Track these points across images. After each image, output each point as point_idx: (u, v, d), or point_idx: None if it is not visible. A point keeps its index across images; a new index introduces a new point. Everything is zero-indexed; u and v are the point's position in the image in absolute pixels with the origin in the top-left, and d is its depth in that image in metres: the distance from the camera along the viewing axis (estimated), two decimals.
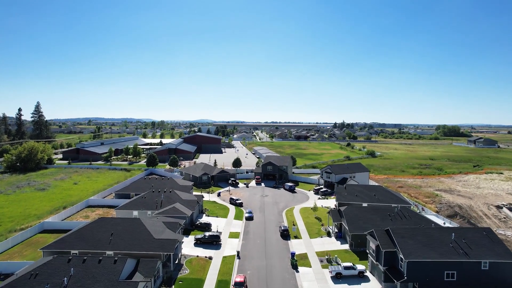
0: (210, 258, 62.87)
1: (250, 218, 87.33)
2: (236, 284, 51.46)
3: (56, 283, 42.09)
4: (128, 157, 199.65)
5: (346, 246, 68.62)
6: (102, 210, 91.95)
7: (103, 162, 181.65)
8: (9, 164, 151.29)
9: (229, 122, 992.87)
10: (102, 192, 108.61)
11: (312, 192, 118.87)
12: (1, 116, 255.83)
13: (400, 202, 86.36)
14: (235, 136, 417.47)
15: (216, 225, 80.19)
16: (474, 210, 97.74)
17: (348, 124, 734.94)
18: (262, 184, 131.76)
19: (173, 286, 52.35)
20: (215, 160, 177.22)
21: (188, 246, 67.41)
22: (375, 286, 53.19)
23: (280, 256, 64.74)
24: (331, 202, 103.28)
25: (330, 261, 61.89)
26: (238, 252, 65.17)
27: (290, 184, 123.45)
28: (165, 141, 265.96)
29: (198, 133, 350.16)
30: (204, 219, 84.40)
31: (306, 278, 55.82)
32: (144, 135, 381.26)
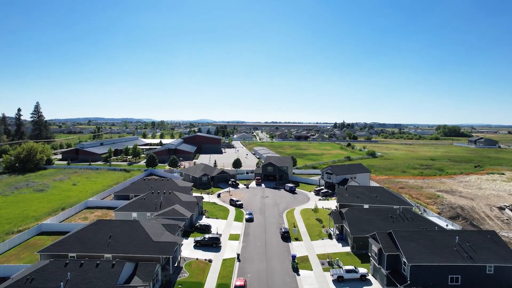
0: (210, 261, 62.03)
1: (250, 220, 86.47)
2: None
3: None
4: (127, 157, 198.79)
5: (348, 249, 67.77)
6: (101, 212, 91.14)
7: (103, 163, 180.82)
8: (7, 164, 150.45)
9: (229, 122, 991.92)
10: (101, 193, 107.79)
11: (312, 193, 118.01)
12: (0, 116, 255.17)
13: (401, 204, 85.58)
14: (235, 136, 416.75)
15: (216, 227, 79.32)
16: (476, 211, 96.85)
17: (348, 124, 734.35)
18: (263, 185, 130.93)
19: None
20: (215, 160, 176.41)
21: (187, 249, 66.57)
22: None
23: (280, 258, 63.90)
24: (332, 203, 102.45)
25: (331, 264, 61.07)
26: (238, 254, 64.35)
27: (290, 185, 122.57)
28: (165, 141, 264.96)
29: (198, 133, 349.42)
30: (204, 221, 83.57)
31: (307, 282, 54.96)
32: (144, 135, 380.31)
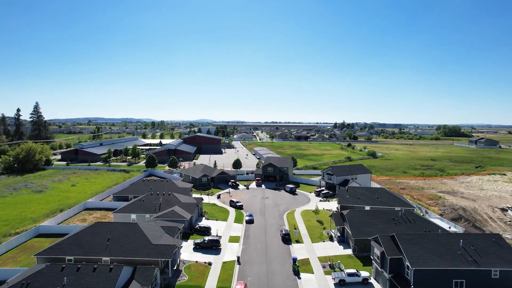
0: (210, 264, 61.18)
1: (250, 222, 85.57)
2: None
3: None
4: (127, 158, 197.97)
5: (349, 251, 66.89)
6: (99, 213, 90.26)
7: (102, 163, 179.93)
8: (6, 165, 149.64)
9: (229, 122, 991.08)
10: (100, 194, 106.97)
11: (313, 194, 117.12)
12: (0, 116, 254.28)
13: (403, 205, 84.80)
14: (235, 136, 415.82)
15: (215, 228, 78.43)
16: (479, 212, 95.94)
17: (348, 124, 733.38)
18: (263, 185, 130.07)
19: None
20: (215, 161, 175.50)
21: (187, 251, 65.70)
22: None
23: (281, 261, 63.03)
24: (333, 205, 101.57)
25: (333, 267, 60.20)
26: (238, 257, 63.44)
27: (291, 185, 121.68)
28: (164, 141, 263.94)
29: (198, 133, 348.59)
30: (203, 223, 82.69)
31: (308, 285, 54.10)
32: (143, 136, 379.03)
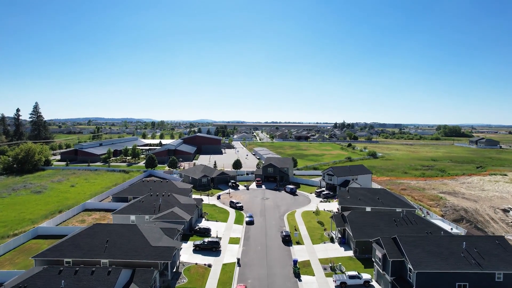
0: (210, 266, 60.56)
1: (250, 223, 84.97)
2: None
3: None
4: (127, 158, 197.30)
5: (350, 253, 66.27)
6: (98, 214, 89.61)
7: (102, 164, 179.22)
8: (5, 165, 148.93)
9: (229, 122, 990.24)
10: (99, 195, 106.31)
11: (313, 194, 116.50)
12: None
13: (404, 206, 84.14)
14: (235, 136, 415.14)
15: (215, 230, 77.84)
16: (480, 214, 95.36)
17: (348, 124, 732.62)
18: (263, 186, 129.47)
19: None
20: (215, 161, 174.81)
21: (186, 253, 65.07)
22: None
23: (281, 263, 62.41)
24: (334, 206, 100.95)
25: (334, 269, 59.60)
26: (238, 259, 62.82)
27: (291, 186, 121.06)
28: (164, 141, 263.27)
29: (198, 133, 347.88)
30: (203, 224, 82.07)
31: None
32: (143, 136, 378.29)
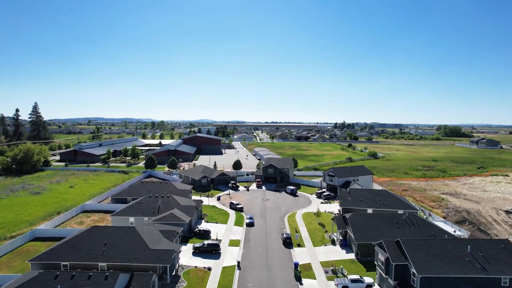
0: (209, 269, 59.68)
1: (251, 224, 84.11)
2: None
3: None
4: (126, 158, 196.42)
5: (352, 256, 65.38)
6: (97, 216, 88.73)
7: (101, 164, 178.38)
8: (4, 166, 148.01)
9: (229, 122, 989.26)
10: (98, 196, 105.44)
11: (314, 195, 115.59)
12: None
13: (406, 207, 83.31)
14: (235, 136, 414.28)
15: (215, 232, 76.95)
16: (483, 215, 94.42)
17: (348, 124, 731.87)
18: (263, 187, 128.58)
19: None
20: (215, 162, 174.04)
21: (186, 256, 64.19)
22: None
23: (282, 266, 61.53)
24: (334, 207, 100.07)
25: (335, 272, 58.72)
26: (238, 262, 61.94)
27: (291, 187, 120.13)
28: (164, 142, 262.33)
29: (198, 133, 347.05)
30: (203, 226, 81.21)
31: None
32: (143, 136, 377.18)
